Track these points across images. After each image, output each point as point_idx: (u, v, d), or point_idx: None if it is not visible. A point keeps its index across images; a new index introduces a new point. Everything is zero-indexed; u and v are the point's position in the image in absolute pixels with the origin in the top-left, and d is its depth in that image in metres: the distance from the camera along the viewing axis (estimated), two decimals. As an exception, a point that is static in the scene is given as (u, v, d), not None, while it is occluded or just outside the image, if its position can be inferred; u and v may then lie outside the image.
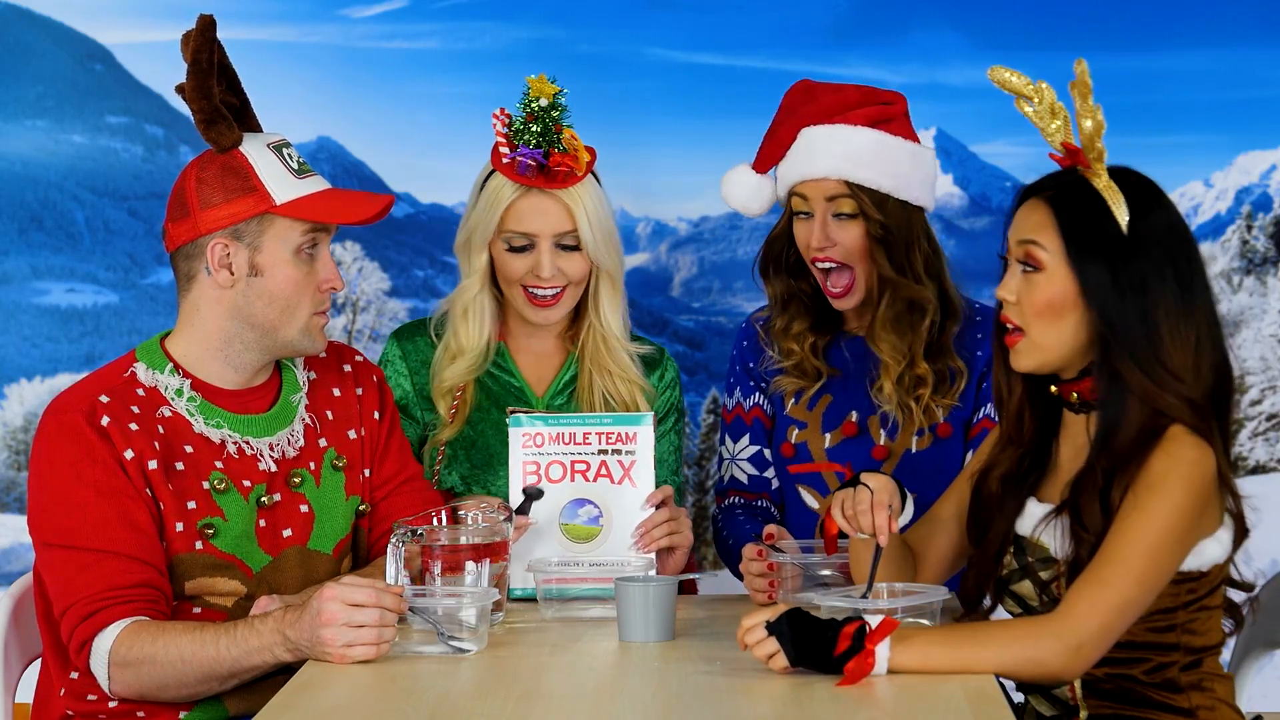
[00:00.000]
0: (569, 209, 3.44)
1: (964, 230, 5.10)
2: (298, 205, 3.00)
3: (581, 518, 3.25)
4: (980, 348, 3.46)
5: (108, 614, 2.87)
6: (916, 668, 2.59)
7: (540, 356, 3.55)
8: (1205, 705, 2.75)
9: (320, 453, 3.11)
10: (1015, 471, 2.83)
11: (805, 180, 3.43)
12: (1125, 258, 2.67)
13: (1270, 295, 4.99)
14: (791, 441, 3.50)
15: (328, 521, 3.10)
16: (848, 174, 3.41)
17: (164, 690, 2.88)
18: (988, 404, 3.43)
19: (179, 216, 3.03)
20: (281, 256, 3.00)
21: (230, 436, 3.03)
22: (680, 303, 5.10)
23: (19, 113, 5.00)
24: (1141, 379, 2.66)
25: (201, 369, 3.05)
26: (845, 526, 2.83)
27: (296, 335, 3.04)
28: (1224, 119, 4.93)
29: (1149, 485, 2.63)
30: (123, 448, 2.93)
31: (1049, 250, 2.70)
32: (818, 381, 3.49)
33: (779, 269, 3.52)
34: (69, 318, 5.03)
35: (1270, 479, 4.94)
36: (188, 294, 3.05)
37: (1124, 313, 2.66)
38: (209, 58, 2.98)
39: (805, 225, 3.45)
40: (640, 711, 2.53)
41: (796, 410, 3.51)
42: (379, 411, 3.21)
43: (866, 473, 2.85)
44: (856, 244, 3.41)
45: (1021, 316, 2.73)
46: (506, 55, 4.89)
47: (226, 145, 3.01)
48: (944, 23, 4.93)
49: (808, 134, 3.44)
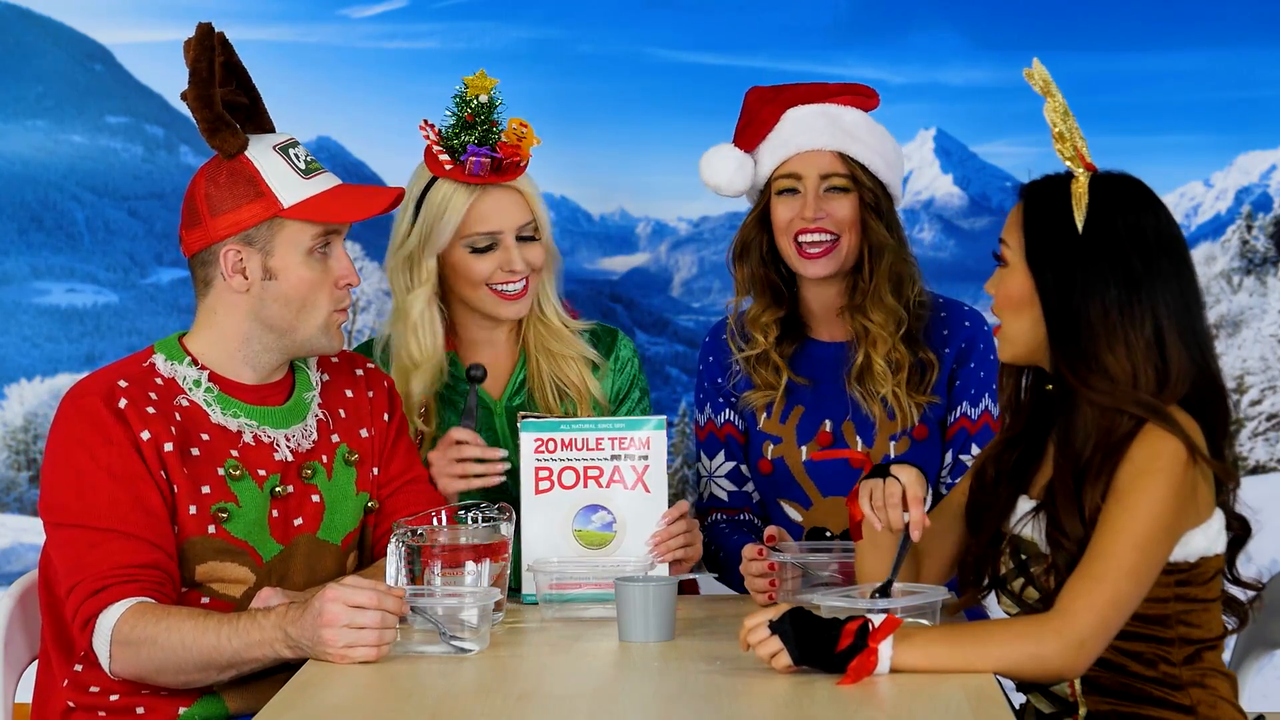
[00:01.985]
0: (525, 199, 3.46)
1: (964, 230, 5.10)
2: (306, 207, 3.01)
3: (595, 523, 3.24)
4: (947, 344, 3.45)
5: (114, 592, 2.88)
6: (919, 666, 2.60)
7: (495, 358, 3.54)
8: (1206, 701, 2.75)
9: (333, 447, 3.13)
10: (1009, 465, 2.86)
11: (800, 153, 3.42)
12: (1074, 261, 2.73)
13: (1270, 295, 4.99)
14: (768, 458, 3.48)
15: (338, 513, 3.11)
16: (844, 147, 3.41)
17: (162, 673, 2.89)
18: (963, 402, 3.44)
19: (192, 224, 3.05)
20: (294, 259, 3.02)
21: (248, 425, 3.05)
22: (680, 303, 5.10)
23: (19, 113, 5.00)
24: (1079, 384, 2.71)
25: (220, 366, 3.08)
26: (872, 519, 2.84)
27: (315, 333, 3.06)
28: (1224, 119, 4.93)
29: (1129, 482, 2.66)
30: (139, 430, 2.95)
31: (1012, 249, 2.79)
32: (780, 379, 3.46)
33: (751, 255, 3.49)
34: (69, 318, 5.03)
35: (1270, 479, 4.94)
36: (205, 298, 3.08)
37: (1065, 313, 2.72)
38: (208, 66, 2.99)
39: (791, 202, 3.43)
40: (640, 711, 2.53)
41: (769, 425, 3.48)
42: (389, 414, 3.23)
43: (896, 464, 2.87)
44: (848, 215, 3.41)
45: (996, 309, 2.82)
46: (506, 55, 4.89)
47: (232, 151, 3.02)
48: (944, 23, 4.94)
49: (795, 113, 3.45)
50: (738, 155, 3.46)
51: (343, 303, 3.07)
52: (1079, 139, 2.78)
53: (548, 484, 3.23)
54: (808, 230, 3.40)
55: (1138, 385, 2.70)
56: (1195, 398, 2.73)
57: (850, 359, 3.45)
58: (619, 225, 5.07)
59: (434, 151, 3.44)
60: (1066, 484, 2.72)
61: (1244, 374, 4.98)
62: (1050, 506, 2.74)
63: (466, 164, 3.41)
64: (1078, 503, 2.70)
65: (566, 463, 3.23)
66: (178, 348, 3.08)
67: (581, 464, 3.23)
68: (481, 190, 3.43)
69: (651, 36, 4.94)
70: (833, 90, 3.48)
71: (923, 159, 5.05)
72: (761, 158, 3.46)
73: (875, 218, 3.42)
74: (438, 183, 3.44)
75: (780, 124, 3.45)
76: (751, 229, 3.49)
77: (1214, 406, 2.75)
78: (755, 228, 3.48)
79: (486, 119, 3.44)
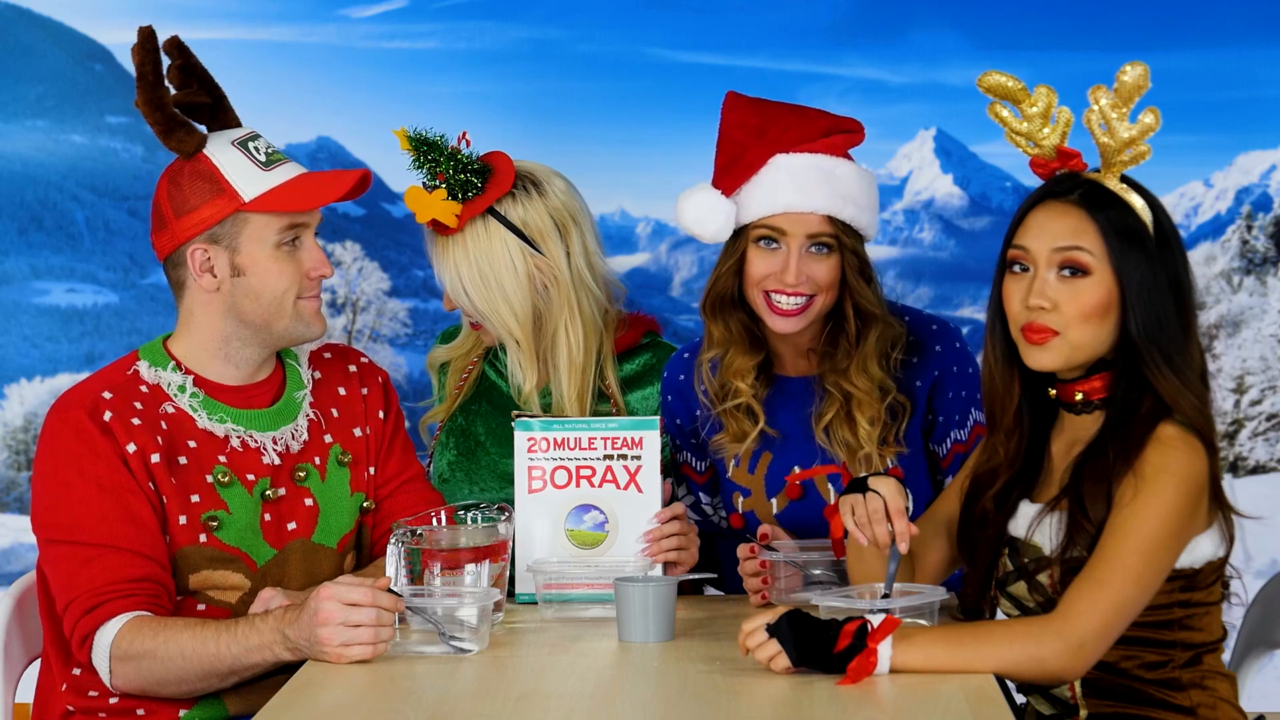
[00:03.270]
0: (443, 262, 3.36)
1: (964, 230, 5.10)
2: (267, 199, 2.99)
3: (587, 523, 3.23)
4: (919, 377, 3.32)
5: (110, 608, 2.88)
6: (918, 667, 2.60)
7: None
8: (1206, 704, 2.75)
9: (326, 448, 3.12)
10: (1008, 476, 2.84)
11: (787, 213, 3.21)
12: (1159, 257, 2.71)
13: (1270, 295, 4.99)
14: (739, 511, 3.39)
15: (332, 516, 3.10)
16: (836, 210, 3.21)
17: (164, 685, 2.89)
18: (951, 430, 3.34)
19: (159, 228, 3.05)
20: (261, 253, 3.00)
21: (234, 430, 3.03)
22: (680, 303, 5.10)
23: (19, 113, 5.00)
24: (1170, 378, 2.69)
25: (203, 368, 3.06)
26: (857, 534, 2.82)
27: (290, 323, 3.04)
28: (1224, 119, 4.94)
29: (1142, 483, 2.65)
30: (125, 442, 2.94)
31: (1094, 254, 2.71)
32: (755, 428, 3.31)
33: (727, 307, 3.29)
34: (69, 318, 5.03)
35: (1270, 479, 4.94)
36: (182, 300, 3.07)
37: (1162, 312, 2.70)
38: (153, 69, 2.98)
39: (770, 257, 3.22)
40: (640, 711, 2.53)
41: (738, 474, 3.37)
42: (384, 411, 3.21)
43: (874, 476, 2.85)
44: (827, 277, 3.23)
45: (1061, 320, 2.73)
46: (506, 55, 4.90)
47: (190, 150, 3.01)
48: (944, 23, 4.94)
49: (785, 161, 3.23)
50: (724, 206, 3.23)
51: (313, 290, 3.04)
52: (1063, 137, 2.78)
53: (540, 483, 3.23)
54: (783, 292, 3.22)
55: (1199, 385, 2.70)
56: None
57: (818, 403, 3.31)
58: (619, 225, 5.08)
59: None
60: (1104, 471, 2.68)
61: (1244, 374, 4.98)
62: (1076, 496, 2.71)
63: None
64: (1107, 492, 2.68)
65: (559, 462, 3.23)
66: (161, 352, 3.06)
67: (574, 463, 3.23)
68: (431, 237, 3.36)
69: (651, 36, 4.95)
70: (821, 128, 3.26)
71: (923, 159, 5.05)
72: (744, 204, 3.24)
73: (862, 282, 3.25)
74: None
75: (767, 170, 3.23)
76: (728, 278, 3.27)
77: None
78: (731, 276, 3.27)
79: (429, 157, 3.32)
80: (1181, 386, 2.69)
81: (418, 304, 5.08)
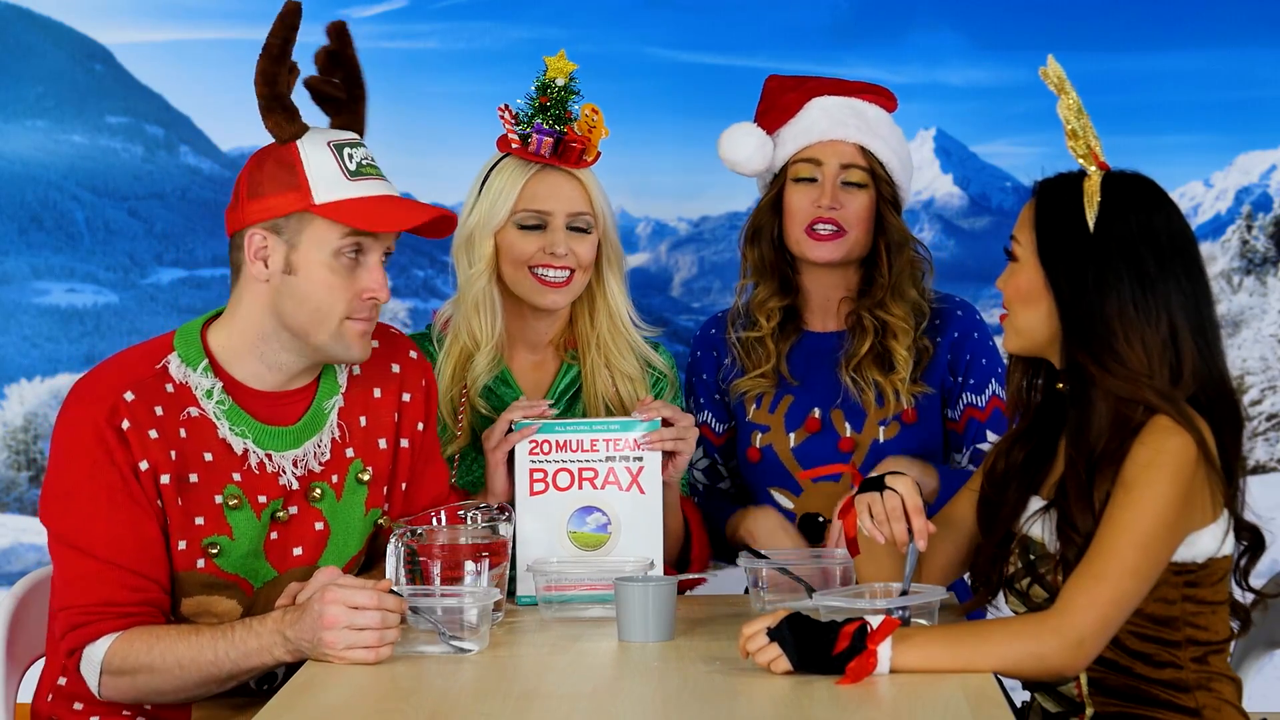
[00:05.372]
0: (584, 189, 3.41)
1: (964, 230, 5.11)
2: (337, 207, 2.89)
3: (590, 525, 3.23)
4: (940, 333, 3.48)
5: (102, 626, 2.84)
6: (918, 667, 2.60)
7: (536, 365, 3.52)
8: (1211, 705, 2.75)
9: (346, 464, 3.03)
10: (1019, 462, 2.86)
11: (822, 142, 3.45)
12: (1087, 258, 2.74)
13: (1270, 295, 4.99)
14: (757, 446, 3.49)
15: (342, 539, 3.03)
16: (867, 142, 3.44)
17: (161, 696, 2.86)
18: (966, 392, 3.47)
19: (233, 206, 2.95)
20: (317, 258, 2.90)
21: (254, 450, 2.94)
22: (680, 303, 5.10)
23: (19, 113, 5.00)
24: (1099, 371, 2.72)
25: (237, 367, 2.96)
26: (874, 532, 2.84)
27: (328, 341, 2.93)
28: (1224, 119, 4.94)
29: (1134, 477, 2.66)
30: (139, 457, 2.86)
31: (1023, 245, 2.81)
32: (771, 366, 3.49)
33: (763, 238, 3.51)
34: (69, 318, 5.03)
35: (1270, 479, 4.94)
36: (235, 284, 2.97)
37: (1081, 308, 2.74)
38: (281, 45, 2.89)
39: (807, 190, 3.46)
40: (640, 711, 2.53)
41: (759, 415, 3.50)
42: (424, 423, 3.12)
43: (891, 475, 2.87)
44: (861, 212, 3.44)
45: (1007, 302, 2.84)
46: (506, 55, 4.90)
47: (284, 137, 2.92)
48: (944, 23, 4.94)
49: (821, 102, 3.47)
50: (759, 134, 3.48)
51: (362, 313, 2.93)
52: (1092, 137, 2.80)
53: (542, 485, 3.22)
54: (821, 220, 3.42)
55: (1153, 380, 2.71)
56: (1204, 398, 2.74)
57: (847, 347, 3.47)
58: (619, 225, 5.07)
59: (507, 136, 3.42)
60: (1079, 478, 2.72)
61: (1244, 374, 4.98)
62: (1061, 501, 2.74)
63: (530, 140, 3.39)
64: (1089, 497, 2.70)
65: (561, 464, 3.23)
66: (197, 345, 2.95)
67: (576, 465, 3.23)
68: (541, 169, 3.40)
69: (651, 36, 4.95)
70: (857, 87, 3.52)
71: (923, 159, 5.06)
72: (783, 141, 3.48)
73: (894, 213, 3.46)
74: (502, 162, 3.42)
75: (804, 110, 3.47)
76: (765, 213, 3.50)
77: (1223, 406, 2.75)
78: (769, 212, 3.50)
79: (559, 102, 3.41)
80: (1113, 379, 2.72)
81: (418, 304, 5.09)
